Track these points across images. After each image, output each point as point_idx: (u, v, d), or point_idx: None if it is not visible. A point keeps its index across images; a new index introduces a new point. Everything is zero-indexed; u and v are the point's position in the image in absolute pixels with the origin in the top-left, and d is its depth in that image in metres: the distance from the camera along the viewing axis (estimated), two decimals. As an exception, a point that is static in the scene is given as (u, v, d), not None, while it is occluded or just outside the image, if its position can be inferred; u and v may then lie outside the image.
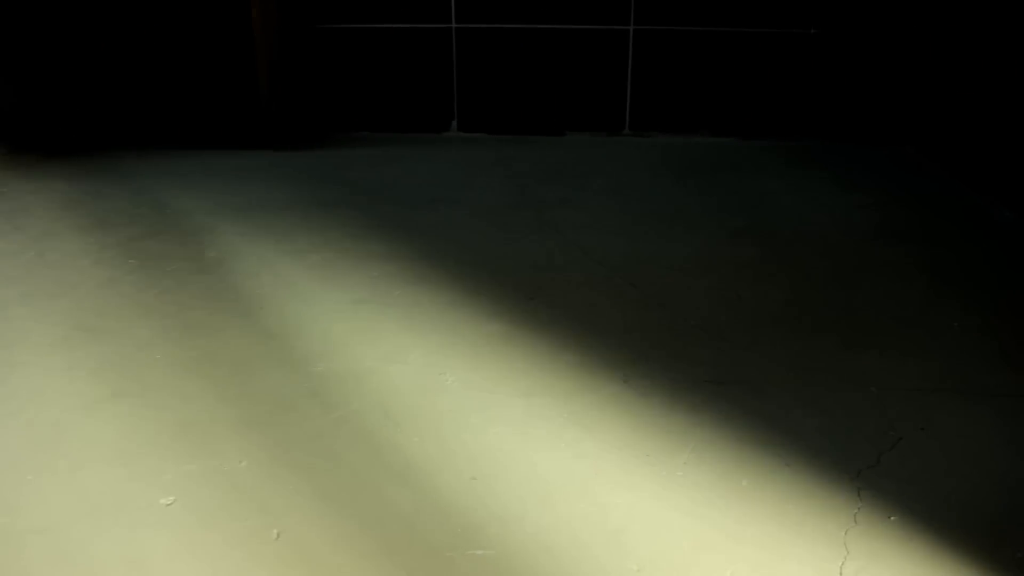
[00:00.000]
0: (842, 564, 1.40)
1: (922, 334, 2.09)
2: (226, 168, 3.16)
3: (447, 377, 1.87)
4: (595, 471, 1.60)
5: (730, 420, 1.77)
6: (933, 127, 3.34)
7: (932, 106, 3.33)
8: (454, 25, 3.48)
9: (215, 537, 1.42)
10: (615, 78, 3.51)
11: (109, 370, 1.90)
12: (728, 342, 2.05)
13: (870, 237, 2.62)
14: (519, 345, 2.01)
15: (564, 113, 3.56)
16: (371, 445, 1.65)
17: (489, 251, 2.48)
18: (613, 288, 2.29)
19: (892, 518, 1.52)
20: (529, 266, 2.39)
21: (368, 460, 1.61)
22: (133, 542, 1.41)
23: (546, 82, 3.51)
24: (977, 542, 1.44)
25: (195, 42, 3.31)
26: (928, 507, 1.53)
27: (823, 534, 1.48)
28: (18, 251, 2.49)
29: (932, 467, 1.63)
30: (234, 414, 1.74)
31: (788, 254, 2.50)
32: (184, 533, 1.43)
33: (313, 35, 3.41)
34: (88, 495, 1.53)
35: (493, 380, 1.87)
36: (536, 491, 1.54)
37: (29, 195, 2.89)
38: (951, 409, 1.81)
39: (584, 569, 1.37)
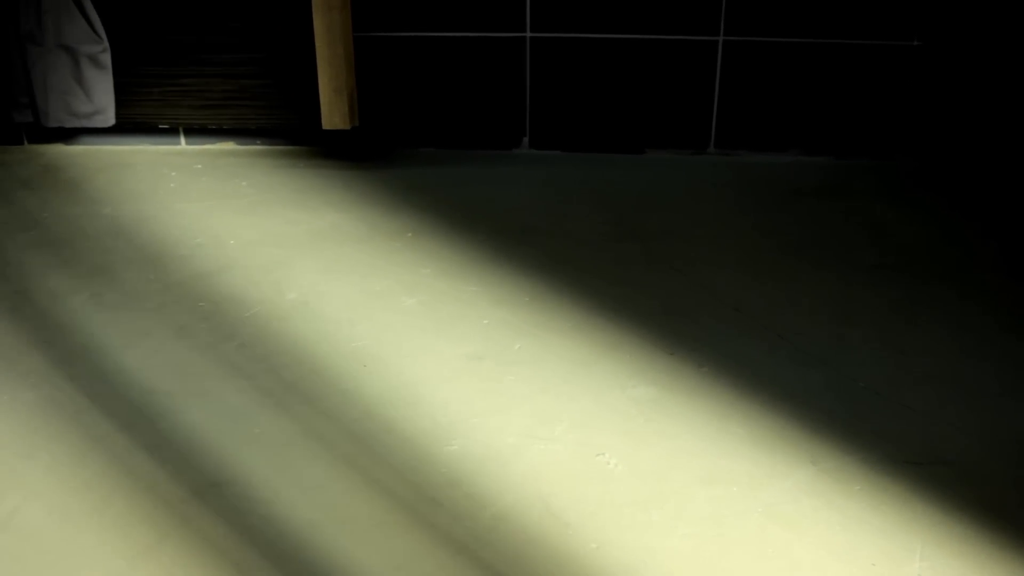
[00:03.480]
0: None
1: None
2: (286, 188, 2.86)
3: (607, 458, 1.59)
4: (821, 589, 1.33)
5: (950, 514, 1.49)
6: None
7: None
8: (528, 34, 3.20)
9: None
10: (701, 92, 3.23)
11: (204, 450, 1.61)
12: (910, 408, 1.78)
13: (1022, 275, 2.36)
14: (676, 414, 1.73)
15: (644, 129, 3.29)
16: (545, 554, 1.37)
17: (606, 293, 2.19)
18: (760, 339, 2.01)
19: None
20: (657, 312, 2.11)
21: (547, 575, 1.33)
22: None
23: (625, 96, 3.23)
24: None
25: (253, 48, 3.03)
26: None
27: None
28: (70, 291, 2.19)
29: None
30: (368, 512, 1.45)
31: (937, 296, 2.23)
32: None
33: (375, 44, 3.12)
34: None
35: (662, 461, 1.59)
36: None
37: (73, 222, 2.59)
38: None
39: None
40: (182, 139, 3.24)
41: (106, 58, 2.81)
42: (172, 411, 1.72)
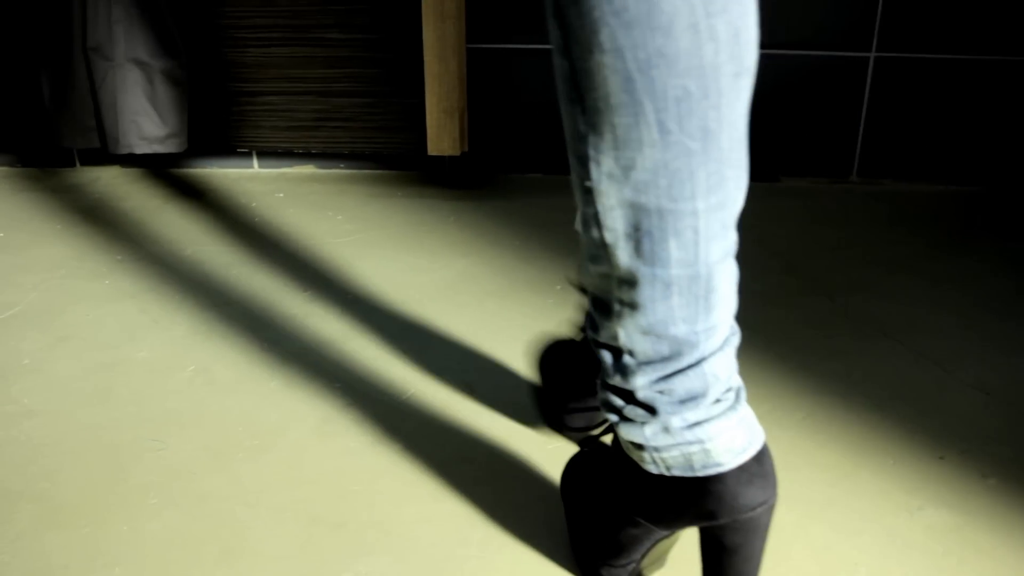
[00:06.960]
0: None
1: None
2: (391, 224, 2.48)
3: (941, 629, 1.22)
4: None
5: None
6: None
7: None
8: (655, 46, 2.82)
9: None
10: (846, 114, 2.87)
11: (405, 612, 1.23)
12: None
13: None
14: (990, 551, 1.36)
15: (778, 154, 2.92)
16: None
17: (821, 371, 1.82)
18: (1032, 436, 1.65)
19: None
20: (892, 396, 1.74)
21: None
22: None
23: (758, 118, 2.86)
24: None
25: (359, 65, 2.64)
26: None
27: None
28: (171, 365, 1.80)
29: None
30: None
31: None
32: None
33: (478, 56, 2.74)
34: None
35: (1015, 635, 1.22)
36: None
37: (151, 267, 2.20)
38: None
39: None
40: (255, 162, 2.85)
41: (183, 73, 2.41)
42: (348, 551, 1.33)
